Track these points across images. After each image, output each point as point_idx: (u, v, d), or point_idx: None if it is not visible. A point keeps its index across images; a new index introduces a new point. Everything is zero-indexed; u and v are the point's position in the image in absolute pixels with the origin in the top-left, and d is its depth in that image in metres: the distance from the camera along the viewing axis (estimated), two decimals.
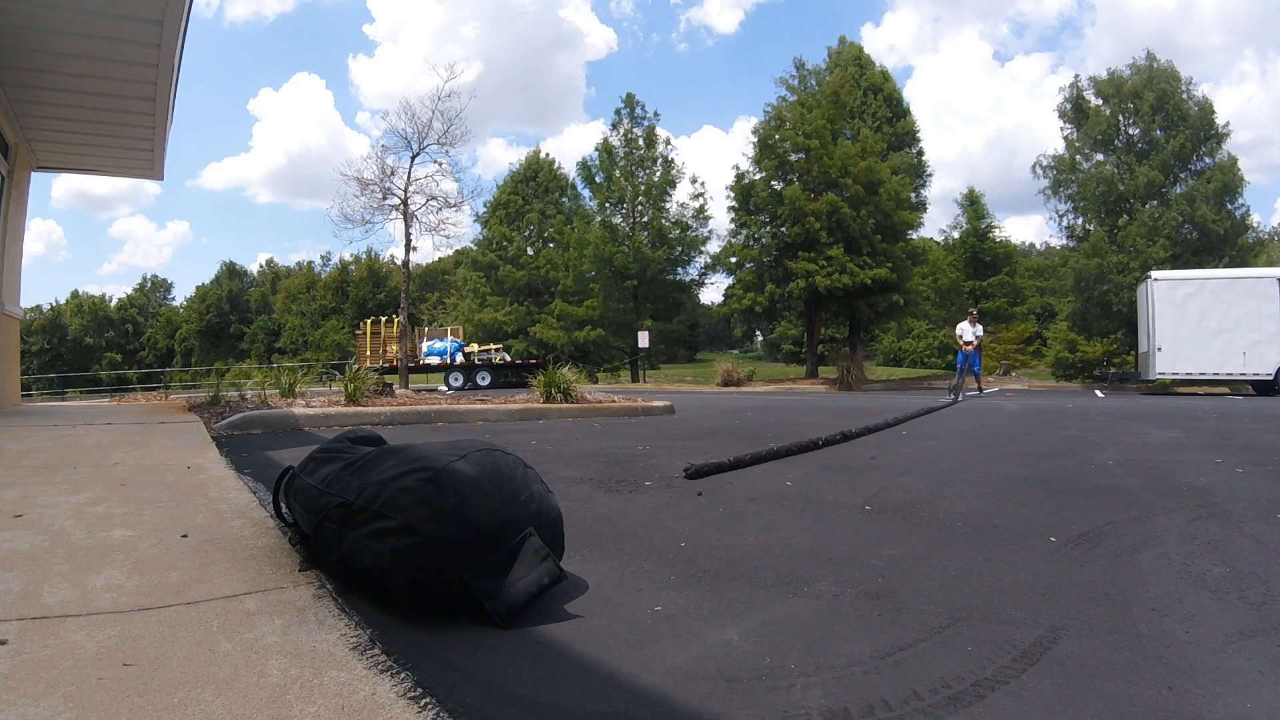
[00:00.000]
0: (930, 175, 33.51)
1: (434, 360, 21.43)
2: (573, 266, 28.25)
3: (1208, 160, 24.49)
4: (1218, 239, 23.08)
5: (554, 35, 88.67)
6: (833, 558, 1.71)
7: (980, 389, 14.46)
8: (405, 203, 12.36)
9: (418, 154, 12.56)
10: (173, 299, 59.16)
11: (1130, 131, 25.71)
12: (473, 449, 1.38)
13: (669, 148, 28.70)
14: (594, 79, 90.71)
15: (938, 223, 79.32)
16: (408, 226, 12.36)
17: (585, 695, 0.99)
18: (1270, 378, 14.94)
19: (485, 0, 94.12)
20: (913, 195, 29.18)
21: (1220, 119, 24.16)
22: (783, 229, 24.51)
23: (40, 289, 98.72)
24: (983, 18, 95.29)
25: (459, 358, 21.28)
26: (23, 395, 8.94)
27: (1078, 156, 26.73)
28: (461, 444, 1.41)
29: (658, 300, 28.58)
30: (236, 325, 52.93)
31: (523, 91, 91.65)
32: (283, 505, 1.71)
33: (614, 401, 7.72)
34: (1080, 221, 27.03)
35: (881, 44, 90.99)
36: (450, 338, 22.43)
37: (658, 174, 28.26)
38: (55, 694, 0.89)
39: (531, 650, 1.14)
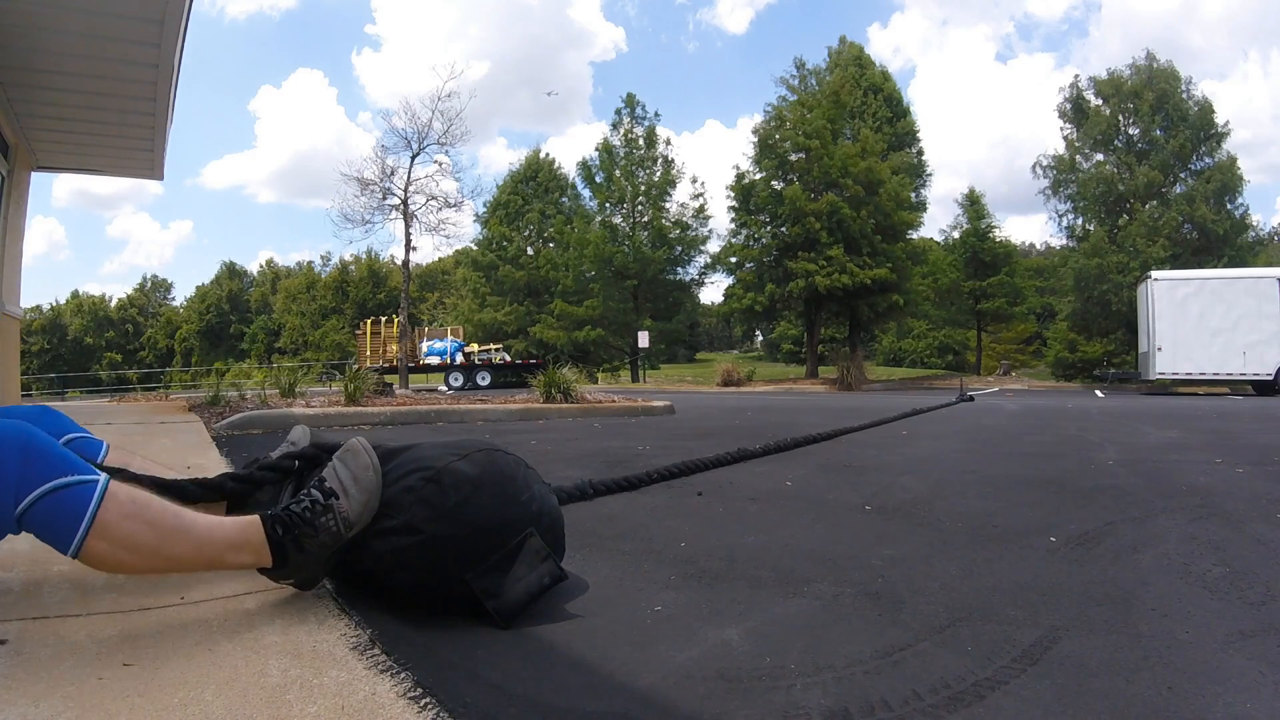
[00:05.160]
0: (930, 175, 33.57)
1: (434, 360, 21.43)
2: (573, 266, 28.26)
3: (1207, 160, 24.51)
4: (1217, 239, 23.09)
5: (562, 35, 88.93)
6: (833, 558, 1.71)
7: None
8: (405, 202, 12.37)
9: (418, 154, 12.58)
10: (173, 299, 59.15)
11: (1130, 131, 25.73)
12: (474, 449, 1.38)
13: (669, 147, 28.71)
14: (601, 78, 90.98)
15: (941, 222, 79.53)
16: (408, 226, 12.38)
17: (585, 695, 0.99)
18: (1270, 378, 14.93)
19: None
20: (913, 195, 29.20)
21: (1220, 118, 24.19)
22: (783, 229, 24.51)
23: (41, 289, 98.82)
24: (990, 19, 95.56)
25: (459, 358, 21.28)
26: (23, 395, 8.94)
27: (1077, 156, 26.74)
28: (463, 443, 1.41)
29: (658, 300, 28.58)
30: (236, 325, 52.91)
31: (530, 90, 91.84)
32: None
33: (614, 401, 7.72)
34: (1080, 221, 27.05)
35: (888, 45, 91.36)
36: (450, 338, 22.42)
37: (658, 174, 28.26)
38: (55, 694, 0.89)
39: (531, 650, 1.14)
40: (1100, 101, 26.18)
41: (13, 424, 1.05)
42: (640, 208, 28.10)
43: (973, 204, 31.39)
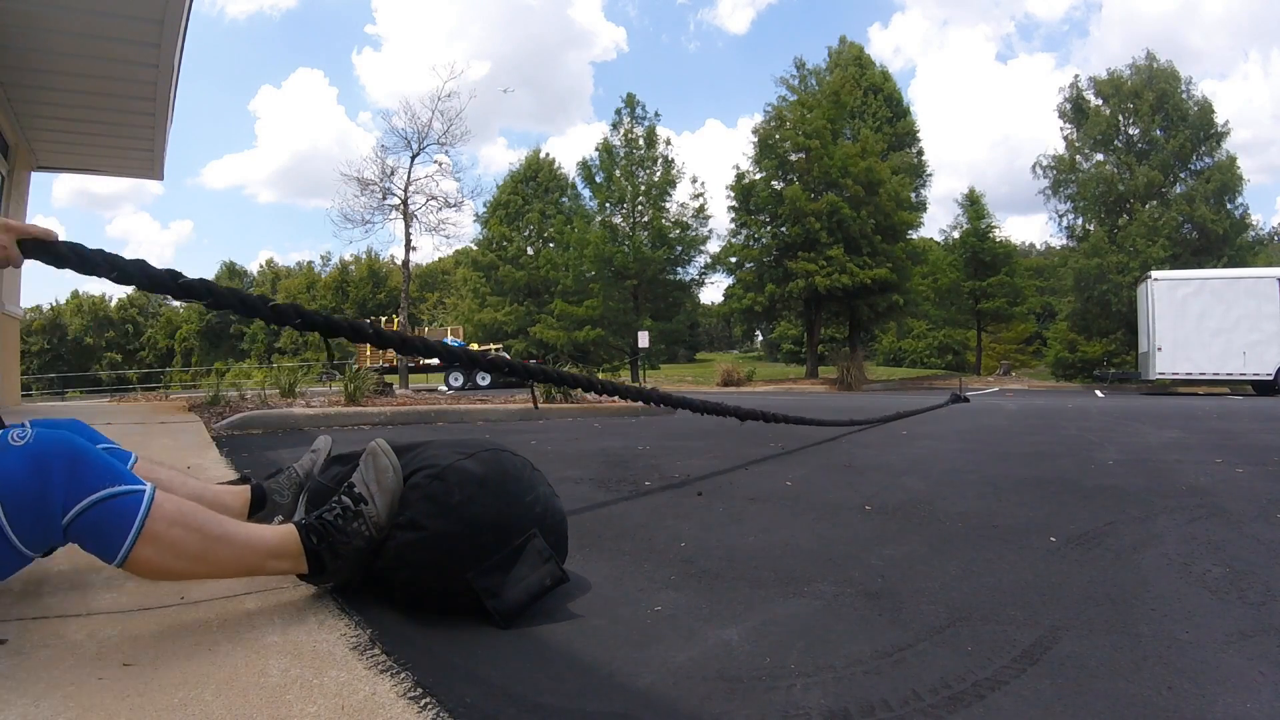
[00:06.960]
0: (930, 175, 33.57)
1: (434, 360, 21.40)
2: (573, 266, 28.24)
3: (1207, 160, 24.51)
4: (1217, 239, 23.09)
5: (563, 35, 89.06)
6: (833, 558, 1.71)
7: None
8: (405, 203, 12.38)
9: (418, 154, 12.59)
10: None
11: (1130, 131, 25.72)
12: (480, 448, 1.38)
13: (669, 147, 28.68)
14: (602, 78, 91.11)
15: (941, 222, 79.58)
16: (408, 226, 12.39)
17: (585, 695, 0.99)
18: (1270, 378, 14.93)
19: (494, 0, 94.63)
20: (913, 195, 29.21)
21: (1220, 118, 24.18)
22: (783, 229, 24.52)
23: (40, 289, 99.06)
24: (990, 19, 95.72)
25: None
26: (22, 395, 8.94)
27: (1077, 156, 26.74)
28: (469, 443, 1.41)
29: (658, 300, 28.55)
30: (236, 325, 52.86)
31: (531, 90, 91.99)
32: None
33: (614, 401, 7.72)
34: (1080, 221, 27.06)
35: (889, 45, 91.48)
36: (450, 338, 22.42)
37: (658, 174, 28.23)
38: (55, 694, 0.89)
39: (531, 650, 1.14)
40: (1100, 101, 26.18)
41: (60, 435, 1.06)
42: (640, 208, 28.07)
43: (973, 204, 31.35)
